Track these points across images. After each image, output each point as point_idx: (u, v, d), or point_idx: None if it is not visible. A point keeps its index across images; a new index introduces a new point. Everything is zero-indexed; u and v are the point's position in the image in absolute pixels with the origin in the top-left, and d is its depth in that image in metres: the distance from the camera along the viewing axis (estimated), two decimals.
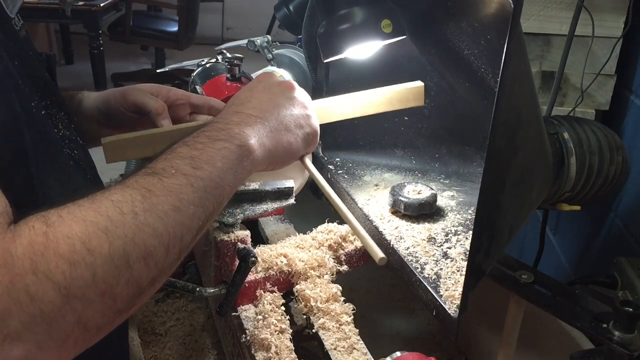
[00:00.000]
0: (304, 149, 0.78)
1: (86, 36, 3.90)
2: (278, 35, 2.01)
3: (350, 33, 0.91)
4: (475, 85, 0.92)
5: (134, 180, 0.56)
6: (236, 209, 0.86)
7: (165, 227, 0.54)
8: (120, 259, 0.50)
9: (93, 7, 3.70)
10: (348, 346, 0.79)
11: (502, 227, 0.71)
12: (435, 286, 0.78)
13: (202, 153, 0.61)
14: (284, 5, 1.52)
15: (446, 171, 1.07)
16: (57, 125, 0.71)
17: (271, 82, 0.78)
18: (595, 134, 0.97)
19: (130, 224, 0.51)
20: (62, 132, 0.71)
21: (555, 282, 0.87)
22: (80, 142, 0.76)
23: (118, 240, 0.50)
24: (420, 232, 0.90)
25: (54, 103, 0.72)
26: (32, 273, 0.45)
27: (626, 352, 0.73)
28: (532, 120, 0.73)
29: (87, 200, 0.52)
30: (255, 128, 0.69)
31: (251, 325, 0.83)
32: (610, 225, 1.28)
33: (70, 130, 0.74)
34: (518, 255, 1.63)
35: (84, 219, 0.49)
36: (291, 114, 0.75)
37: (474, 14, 0.82)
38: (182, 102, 0.92)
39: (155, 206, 0.54)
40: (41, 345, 0.46)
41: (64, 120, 0.73)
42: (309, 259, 0.88)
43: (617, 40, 1.23)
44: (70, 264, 0.47)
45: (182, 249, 0.57)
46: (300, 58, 1.35)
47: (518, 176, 0.71)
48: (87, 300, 0.48)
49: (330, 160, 1.12)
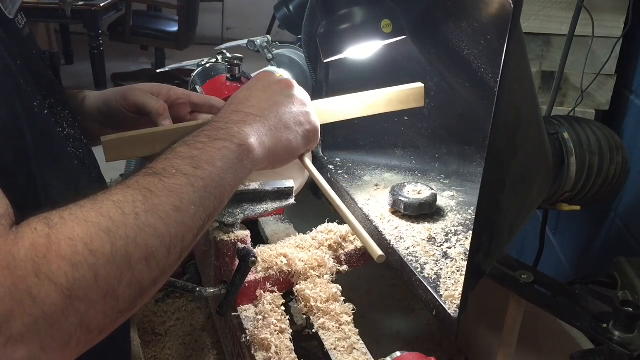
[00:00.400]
0: (305, 147, 0.77)
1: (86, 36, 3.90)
2: (278, 35, 2.01)
3: (350, 33, 0.91)
4: (475, 85, 0.92)
5: (134, 181, 0.55)
6: (236, 209, 0.86)
7: (167, 228, 0.54)
8: (122, 259, 0.50)
9: (93, 7, 3.70)
10: (348, 346, 0.79)
11: (502, 227, 0.71)
12: (435, 286, 0.78)
13: (202, 153, 0.61)
14: (284, 5, 1.53)
15: (446, 171, 1.07)
16: (62, 124, 0.70)
17: (270, 80, 0.77)
18: (595, 134, 0.97)
19: (132, 225, 0.51)
20: (66, 130, 0.71)
21: (555, 282, 0.87)
22: (85, 141, 0.76)
23: (120, 241, 0.50)
24: (420, 232, 0.90)
25: (58, 102, 0.72)
26: (35, 275, 0.45)
27: (626, 352, 0.73)
28: (532, 120, 0.73)
29: (89, 201, 0.52)
30: (255, 127, 0.69)
31: (251, 325, 0.83)
32: (610, 225, 1.28)
33: (74, 129, 0.73)
34: (518, 255, 1.63)
35: (86, 220, 0.49)
36: (290, 111, 0.75)
37: (474, 14, 0.82)
38: (183, 101, 0.92)
39: (157, 207, 0.54)
40: (44, 347, 0.46)
41: (68, 119, 0.73)
42: (309, 259, 0.88)
43: (617, 40, 1.22)
44: (73, 266, 0.47)
45: (184, 249, 0.57)
46: (300, 58, 1.35)
47: (518, 176, 0.71)
48: (89, 301, 0.48)
49: (330, 160, 1.12)
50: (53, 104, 0.70)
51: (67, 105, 0.75)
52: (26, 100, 0.60)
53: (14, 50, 0.63)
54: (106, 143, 0.79)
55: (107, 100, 0.91)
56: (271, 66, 1.38)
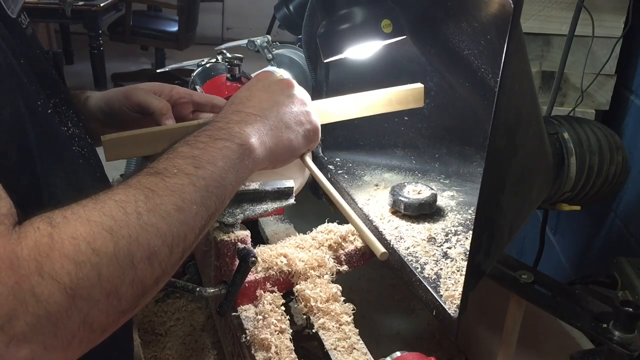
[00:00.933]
0: (305, 146, 0.78)
1: (86, 36, 3.90)
2: (278, 35, 2.02)
3: (350, 33, 0.91)
4: (475, 85, 0.92)
5: (136, 180, 0.56)
6: (236, 209, 0.86)
7: (169, 227, 0.54)
8: (125, 259, 0.50)
9: (93, 7, 3.70)
10: (348, 346, 0.79)
11: (502, 227, 0.71)
12: (435, 286, 0.78)
13: (203, 152, 0.61)
14: (284, 5, 1.53)
15: (446, 171, 1.07)
16: (67, 123, 0.71)
17: (270, 80, 0.78)
18: (595, 134, 0.97)
19: (134, 224, 0.51)
20: (71, 130, 0.71)
21: (555, 282, 0.87)
22: (90, 140, 0.76)
23: (122, 240, 0.50)
24: (420, 232, 0.90)
25: (62, 101, 0.72)
26: (38, 274, 0.45)
27: (626, 352, 0.73)
28: (532, 120, 0.73)
29: (91, 200, 0.52)
30: (256, 126, 0.69)
31: (251, 325, 0.83)
32: (610, 225, 1.28)
33: (79, 128, 0.74)
34: (518, 255, 1.63)
35: (89, 220, 0.49)
36: (291, 111, 0.75)
37: (474, 14, 0.82)
38: (185, 100, 0.92)
39: (159, 206, 0.54)
40: (47, 346, 0.46)
41: (72, 118, 0.73)
42: (309, 259, 0.88)
43: (617, 40, 1.23)
44: (76, 265, 0.47)
45: (186, 248, 0.57)
46: (300, 58, 1.35)
47: (518, 176, 0.71)
48: (92, 300, 0.48)
49: (330, 160, 1.12)
50: (57, 103, 0.70)
51: (71, 105, 0.75)
52: (30, 99, 0.60)
53: (18, 49, 0.63)
54: (106, 142, 0.79)
55: (109, 100, 0.91)
56: (271, 66, 1.38)
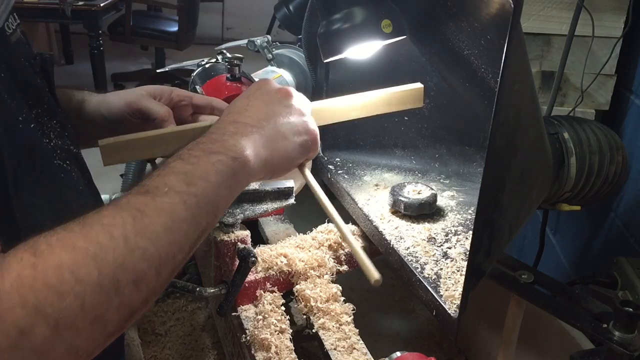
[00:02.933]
0: (303, 156, 0.77)
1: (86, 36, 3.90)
2: (278, 35, 2.02)
3: (350, 33, 0.91)
4: (475, 85, 0.92)
5: (125, 201, 0.55)
6: (236, 209, 0.86)
7: (157, 249, 0.53)
8: (109, 285, 0.49)
9: (93, 7, 3.70)
10: (348, 346, 0.79)
11: (502, 227, 0.71)
12: (435, 286, 0.78)
13: (196, 168, 0.60)
14: (284, 5, 1.53)
15: (446, 171, 1.07)
16: (49, 135, 0.69)
17: (268, 89, 0.77)
18: (595, 134, 0.97)
19: (121, 249, 0.51)
20: (53, 141, 0.70)
21: (555, 282, 0.87)
22: (74, 150, 0.75)
23: (107, 268, 0.49)
24: (420, 232, 0.90)
25: (45, 112, 0.70)
26: (21, 307, 0.45)
27: (626, 352, 0.73)
28: (532, 120, 0.73)
29: (78, 224, 0.51)
30: (252, 138, 0.68)
31: (251, 325, 0.83)
32: (610, 225, 1.28)
33: (62, 139, 0.72)
34: (518, 255, 1.63)
35: (74, 247, 0.49)
36: (288, 122, 0.74)
37: (474, 14, 0.82)
38: (185, 103, 0.92)
39: (147, 228, 0.53)
40: None
41: (56, 129, 0.71)
42: (309, 259, 0.88)
43: (617, 40, 1.23)
44: (59, 295, 0.46)
45: (175, 267, 0.56)
46: (300, 58, 1.35)
47: (518, 176, 0.71)
48: (77, 329, 0.47)
49: (330, 160, 1.12)
50: (40, 114, 0.69)
51: (55, 115, 0.73)
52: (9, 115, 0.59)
53: None
54: (103, 147, 0.78)
55: (109, 106, 0.90)
56: (271, 66, 1.38)
